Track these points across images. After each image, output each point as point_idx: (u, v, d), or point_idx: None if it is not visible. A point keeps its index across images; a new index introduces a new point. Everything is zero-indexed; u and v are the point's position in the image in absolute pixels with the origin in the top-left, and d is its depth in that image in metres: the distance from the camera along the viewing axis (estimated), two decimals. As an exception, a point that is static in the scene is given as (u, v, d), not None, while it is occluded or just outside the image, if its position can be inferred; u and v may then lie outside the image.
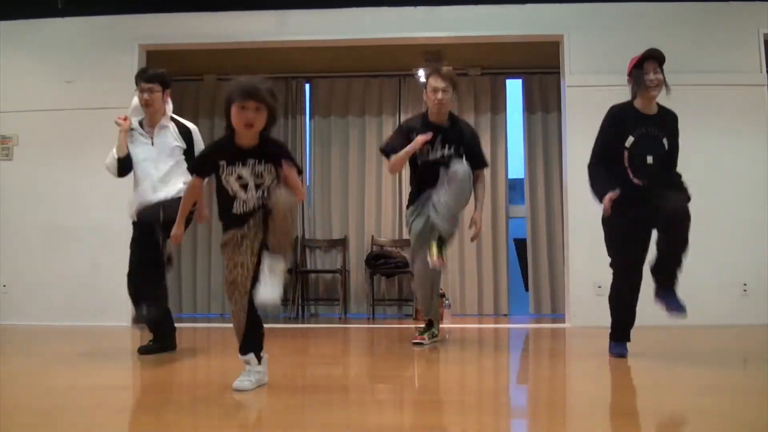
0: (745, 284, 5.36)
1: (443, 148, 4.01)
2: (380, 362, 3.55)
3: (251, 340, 2.61)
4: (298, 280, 7.19)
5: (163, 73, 3.82)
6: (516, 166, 7.67)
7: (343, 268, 7.18)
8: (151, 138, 3.79)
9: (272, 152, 2.54)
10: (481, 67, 7.38)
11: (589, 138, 3.55)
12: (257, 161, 2.51)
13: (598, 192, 3.40)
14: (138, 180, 3.79)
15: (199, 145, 3.79)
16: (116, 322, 5.23)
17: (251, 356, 2.59)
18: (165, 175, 3.71)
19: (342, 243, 7.36)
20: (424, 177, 4.07)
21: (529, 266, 7.31)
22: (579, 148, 5.62)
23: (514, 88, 7.58)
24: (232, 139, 2.54)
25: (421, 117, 4.15)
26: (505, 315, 7.13)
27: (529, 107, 7.46)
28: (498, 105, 7.48)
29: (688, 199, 3.29)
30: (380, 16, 5.88)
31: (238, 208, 2.52)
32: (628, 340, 3.55)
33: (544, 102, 7.40)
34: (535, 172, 7.35)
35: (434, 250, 3.87)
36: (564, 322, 5.75)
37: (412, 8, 5.87)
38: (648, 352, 3.71)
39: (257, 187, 2.52)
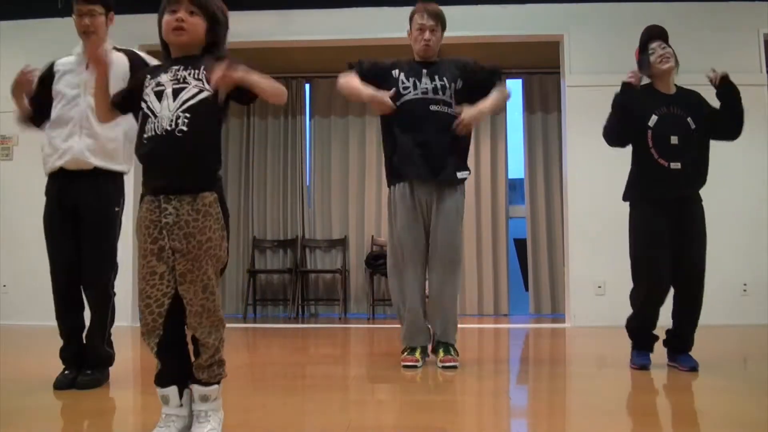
0: (745, 284, 5.37)
1: (432, 81, 3.28)
2: (380, 362, 3.55)
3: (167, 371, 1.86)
4: (298, 280, 7.19)
5: None
6: (516, 166, 7.67)
7: (343, 268, 7.18)
8: (87, 63, 2.85)
9: (208, 61, 1.89)
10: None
11: (590, 138, 3.54)
12: (182, 67, 1.88)
13: (611, 118, 3.25)
14: (57, 118, 2.90)
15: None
16: (116, 322, 5.22)
17: (168, 390, 1.84)
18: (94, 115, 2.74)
19: (342, 243, 7.36)
20: (407, 119, 3.23)
21: (529, 266, 7.31)
22: (579, 148, 5.65)
23: (514, 88, 7.58)
24: (167, 58, 1.96)
25: (405, 59, 3.47)
26: (505, 315, 7.13)
27: (529, 107, 7.46)
28: (498, 105, 7.47)
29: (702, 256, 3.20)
30: (380, 16, 5.87)
31: (149, 129, 1.83)
32: (650, 350, 3.24)
33: (544, 102, 7.40)
34: (535, 172, 7.35)
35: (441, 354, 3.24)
36: (564, 322, 5.75)
37: (412, 8, 5.86)
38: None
39: (175, 93, 1.84)
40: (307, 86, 7.71)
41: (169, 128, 1.80)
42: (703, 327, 3.24)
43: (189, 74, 1.87)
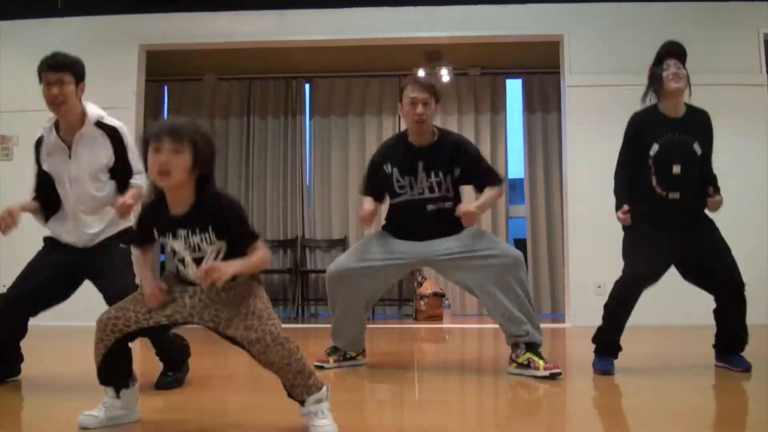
0: (745, 284, 5.36)
1: (428, 177, 3.14)
2: (380, 362, 3.55)
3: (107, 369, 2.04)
4: (298, 279, 7.19)
5: (75, 60, 2.89)
6: (516, 166, 7.67)
7: (343, 268, 7.17)
8: (69, 150, 2.85)
9: (210, 217, 1.92)
10: (481, 67, 7.39)
11: (589, 138, 3.54)
12: (190, 231, 1.92)
13: (617, 202, 3.18)
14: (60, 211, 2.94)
15: (132, 150, 2.89)
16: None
17: (107, 388, 2.06)
18: (91, 201, 2.86)
19: (342, 243, 7.35)
20: (404, 220, 3.23)
21: (529, 266, 7.31)
22: (579, 148, 5.65)
23: (514, 88, 7.58)
24: (162, 200, 1.96)
25: (397, 138, 3.34)
26: (505, 315, 7.12)
27: (529, 107, 7.46)
28: (498, 105, 7.48)
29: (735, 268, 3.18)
30: (380, 16, 5.87)
31: (186, 275, 2.00)
32: (614, 356, 3.15)
33: (544, 102, 7.40)
34: (535, 172, 7.35)
35: (538, 361, 3.03)
36: (564, 322, 5.75)
37: (412, 8, 5.87)
38: (648, 352, 3.71)
39: (197, 262, 1.93)
40: (307, 86, 7.71)
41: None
42: (703, 327, 3.24)
43: (200, 240, 1.93)
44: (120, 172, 2.86)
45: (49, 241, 2.96)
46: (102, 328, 1.97)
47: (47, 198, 2.93)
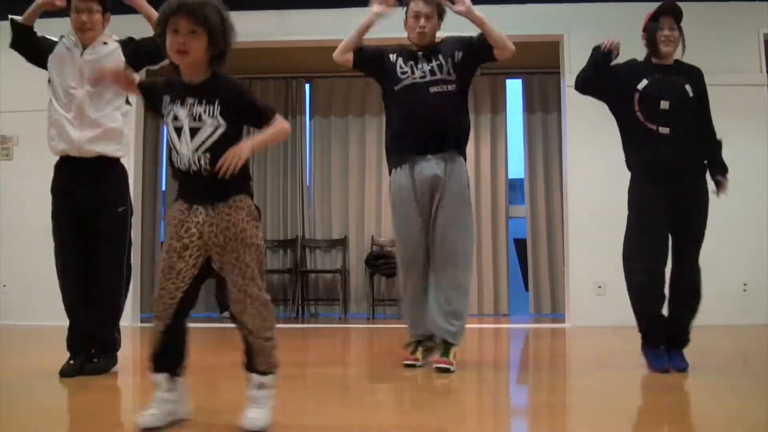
0: (745, 284, 5.36)
1: (429, 63, 3.21)
2: (380, 362, 3.55)
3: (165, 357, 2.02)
4: (298, 280, 7.20)
5: None
6: (516, 166, 7.67)
7: (343, 268, 7.18)
8: (82, 50, 3.01)
9: (220, 92, 1.97)
10: (481, 67, 7.37)
11: (589, 138, 3.53)
12: (197, 101, 1.96)
13: (589, 62, 3.18)
14: (57, 108, 2.98)
15: (145, 44, 3.05)
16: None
17: (161, 377, 2.00)
18: (93, 103, 2.93)
19: (342, 243, 7.36)
20: (408, 107, 3.20)
21: (529, 266, 7.32)
22: (579, 148, 5.65)
23: (514, 88, 7.59)
24: (178, 72, 2.02)
25: (400, 46, 3.38)
26: (505, 315, 7.13)
27: (529, 107, 7.46)
28: (498, 105, 7.48)
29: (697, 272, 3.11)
30: (380, 16, 5.87)
31: (176, 161, 1.98)
32: (661, 343, 3.08)
33: (544, 102, 7.40)
34: (535, 172, 7.36)
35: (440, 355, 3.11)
36: (564, 322, 5.75)
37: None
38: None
39: (192, 132, 1.94)
40: (307, 86, 7.72)
41: (194, 168, 1.93)
42: (703, 327, 3.23)
43: (204, 111, 1.94)
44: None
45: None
46: (155, 310, 1.99)
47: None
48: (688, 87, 3.11)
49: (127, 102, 3.08)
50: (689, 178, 3.09)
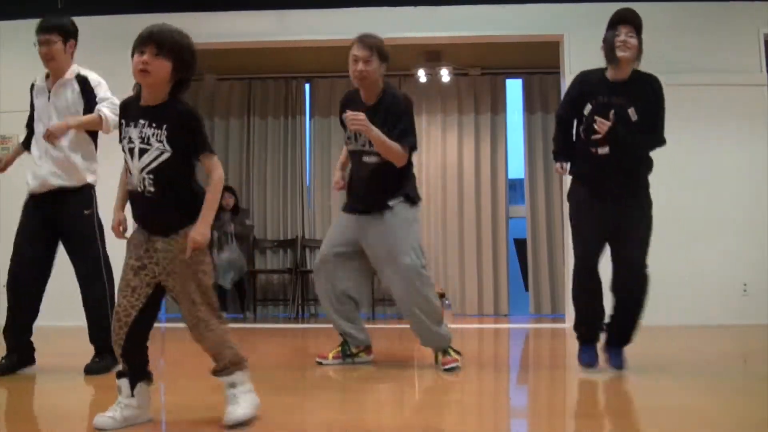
0: (745, 284, 5.36)
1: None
2: (380, 362, 3.55)
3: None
4: (298, 280, 7.19)
5: (64, 22, 3.20)
6: (516, 166, 7.67)
7: (343, 268, 7.17)
8: (48, 93, 3.23)
9: (170, 117, 2.03)
10: (481, 67, 7.38)
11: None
12: (148, 123, 2.03)
13: (554, 151, 3.39)
14: (34, 142, 3.34)
15: (102, 93, 3.22)
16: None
17: (122, 382, 2.09)
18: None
19: (342, 243, 7.34)
20: (353, 174, 3.37)
21: (529, 266, 7.31)
22: (579, 148, 5.65)
23: (514, 88, 7.58)
24: (139, 95, 2.11)
25: (356, 91, 3.45)
26: (505, 315, 7.13)
27: (529, 107, 7.46)
28: (498, 105, 7.48)
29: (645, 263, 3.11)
30: (380, 16, 5.87)
31: (129, 182, 2.08)
32: (592, 341, 3.21)
33: (544, 102, 7.39)
34: (535, 172, 7.35)
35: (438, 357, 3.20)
36: (564, 322, 5.75)
37: (412, 8, 5.87)
38: (648, 352, 3.70)
39: (140, 153, 2.02)
40: (307, 86, 7.71)
41: (140, 189, 2.03)
42: (703, 327, 3.23)
43: (152, 135, 2.02)
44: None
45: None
46: (112, 332, 2.08)
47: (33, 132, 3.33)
48: (631, 111, 3.08)
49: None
50: (628, 193, 3.15)
